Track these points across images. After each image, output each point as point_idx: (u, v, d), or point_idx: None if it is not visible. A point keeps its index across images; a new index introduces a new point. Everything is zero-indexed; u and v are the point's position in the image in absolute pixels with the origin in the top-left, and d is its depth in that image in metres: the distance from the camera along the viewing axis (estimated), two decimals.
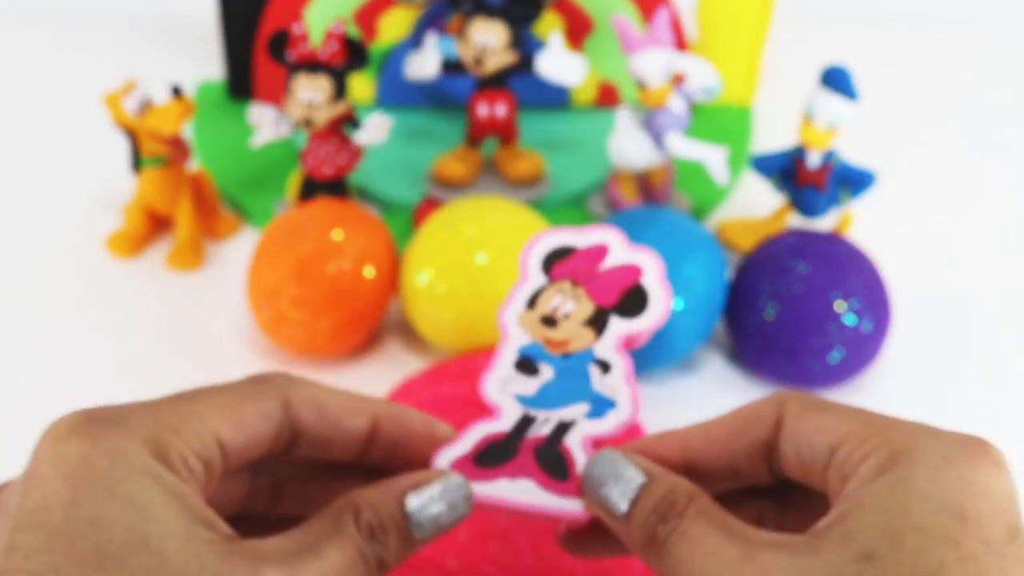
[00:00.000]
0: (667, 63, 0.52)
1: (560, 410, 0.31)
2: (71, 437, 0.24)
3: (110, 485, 0.23)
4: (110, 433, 0.24)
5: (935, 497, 0.23)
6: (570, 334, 0.32)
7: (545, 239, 0.34)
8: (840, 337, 0.45)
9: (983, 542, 0.23)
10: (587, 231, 0.34)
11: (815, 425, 0.26)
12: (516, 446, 0.30)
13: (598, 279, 0.33)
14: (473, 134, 0.58)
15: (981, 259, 0.58)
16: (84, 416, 0.25)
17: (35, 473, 0.24)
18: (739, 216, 0.59)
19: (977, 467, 0.24)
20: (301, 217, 0.48)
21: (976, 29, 0.81)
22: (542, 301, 0.33)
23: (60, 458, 0.24)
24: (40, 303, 0.53)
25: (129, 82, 0.52)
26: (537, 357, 0.32)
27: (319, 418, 0.27)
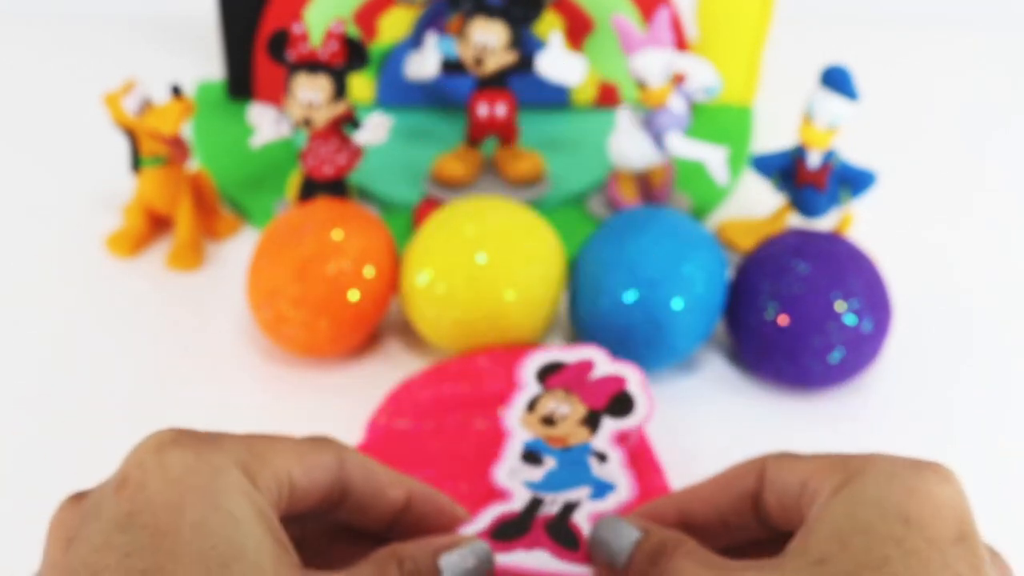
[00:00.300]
0: (667, 63, 0.52)
1: (565, 492, 0.34)
2: (174, 448, 0.25)
3: (214, 496, 0.24)
4: (211, 449, 0.25)
5: (881, 504, 0.25)
6: (568, 432, 0.37)
7: (537, 356, 0.40)
8: (840, 337, 0.45)
9: (926, 540, 0.24)
10: (574, 349, 0.41)
11: (789, 469, 0.28)
12: (529, 523, 0.33)
13: (588, 387, 0.39)
14: (473, 134, 0.58)
15: (982, 259, 0.57)
16: (184, 432, 0.26)
17: (134, 478, 0.25)
18: (739, 216, 0.59)
19: (923, 479, 0.26)
20: (301, 217, 0.48)
21: (977, 29, 0.81)
22: (540, 405, 0.38)
23: (165, 466, 0.25)
24: (39, 303, 0.53)
25: (129, 82, 0.52)
26: (540, 450, 0.36)
27: (366, 482, 0.29)
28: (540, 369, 0.40)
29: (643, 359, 0.47)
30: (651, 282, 0.45)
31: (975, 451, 0.46)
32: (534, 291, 0.46)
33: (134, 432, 0.45)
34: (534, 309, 0.47)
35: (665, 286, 0.45)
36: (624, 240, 0.46)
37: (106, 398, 0.48)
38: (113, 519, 0.24)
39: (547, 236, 0.48)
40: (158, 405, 0.47)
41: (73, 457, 0.44)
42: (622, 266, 0.46)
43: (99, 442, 0.45)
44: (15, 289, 0.54)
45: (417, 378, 0.46)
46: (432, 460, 0.41)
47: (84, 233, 0.57)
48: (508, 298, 0.46)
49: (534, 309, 0.47)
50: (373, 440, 0.43)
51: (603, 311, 0.46)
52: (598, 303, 0.46)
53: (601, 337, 0.47)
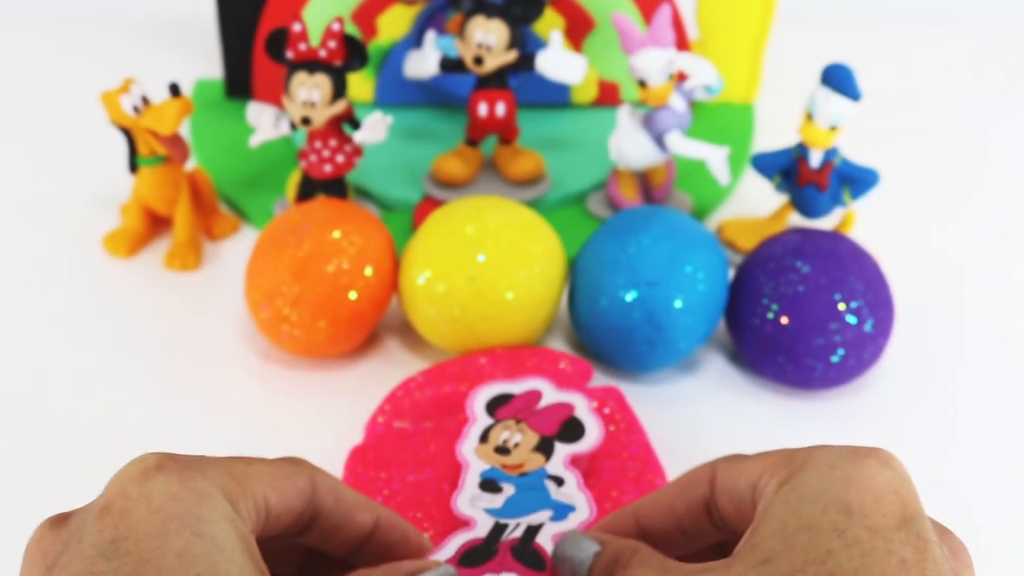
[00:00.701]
0: (668, 61, 0.52)
1: (527, 517, 0.36)
2: (158, 474, 0.25)
3: (197, 523, 0.25)
4: (194, 476, 0.26)
5: (822, 497, 0.25)
6: (522, 459, 0.38)
7: (485, 390, 0.41)
8: (842, 337, 0.45)
9: (868, 529, 0.25)
10: (520, 381, 0.42)
11: (739, 471, 0.29)
12: (494, 548, 0.34)
13: (537, 415, 0.40)
14: (473, 133, 0.58)
15: (984, 258, 0.57)
16: (168, 457, 0.26)
17: (117, 505, 0.25)
18: (740, 215, 0.58)
19: (863, 466, 0.26)
20: (300, 217, 0.48)
21: (979, 27, 0.81)
22: (492, 436, 0.39)
23: (148, 493, 0.25)
24: (37, 303, 0.53)
25: (126, 80, 0.52)
26: (498, 478, 0.37)
27: (336, 506, 0.30)
28: (489, 402, 0.41)
29: (643, 359, 0.46)
30: (651, 282, 0.45)
31: (976, 451, 0.46)
32: (534, 291, 0.46)
33: (132, 432, 0.45)
34: (534, 309, 0.47)
35: (666, 286, 0.45)
36: (624, 240, 0.46)
37: (104, 398, 0.47)
38: (96, 546, 0.24)
39: (547, 236, 0.48)
40: (156, 406, 0.47)
41: (72, 457, 0.44)
42: (622, 266, 0.46)
43: (97, 442, 0.45)
44: (13, 289, 0.54)
45: (416, 378, 0.46)
46: (431, 460, 0.41)
47: (82, 233, 0.57)
48: (508, 298, 0.46)
49: (534, 309, 0.47)
50: (372, 440, 0.43)
51: (603, 311, 0.46)
52: (598, 303, 0.46)
53: (601, 337, 0.47)
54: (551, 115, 0.65)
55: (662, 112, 0.53)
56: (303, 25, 0.51)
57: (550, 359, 0.46)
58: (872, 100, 0.55)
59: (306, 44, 0.51)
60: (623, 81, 0.65)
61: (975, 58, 0.78)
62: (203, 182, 0.56)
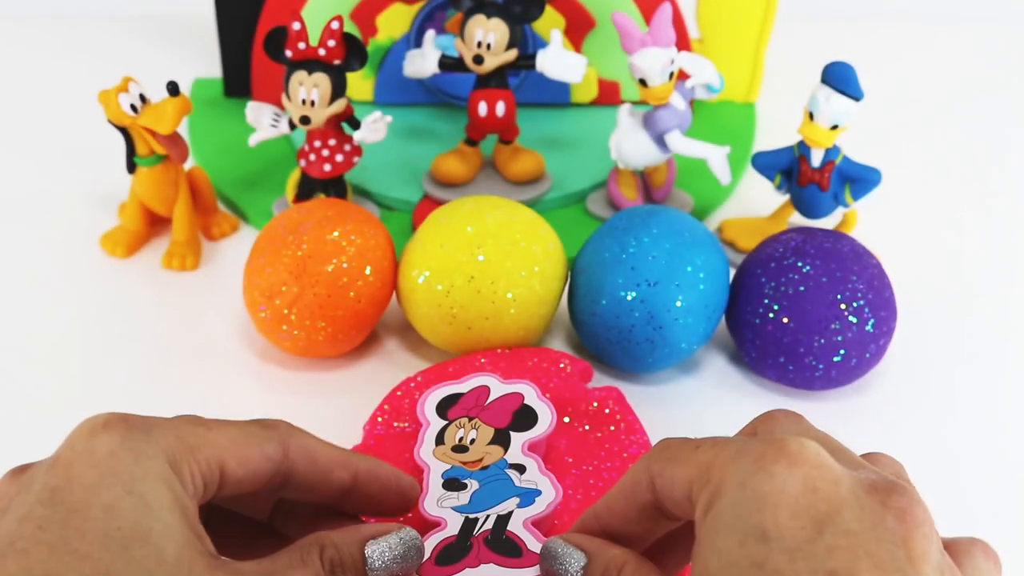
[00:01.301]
0: (668, 60, 0.52)
1: (495, 508, 0.36)
2: (104, 432, 0.27)
3: (130, 480, 0.26)
4: (138, 436, 0.27)
5: (737, 526, 0.24)
6: (481, 453, 0.38)
7: (434, 393, 0.42)
8: (843, 337, 0.45)
9: (786, 552, 0.24)
10: (466, 380, 0.42)
11: (671, 481, 0.28)
12: (468, 543, 0.35)
13: (488, 410, 0.40)
14: (473, 133, 0.57)
15: (986, 258, 0.57)
16: (118, 417, 0.28)
17: (64, 457, 0.26)
18: (741, 215, 0.58)
19: (772, 476, 0.25)
20: (299, 216, 0.48)
21: (981, 25, 0.81)
22: (448, 436, 0.40)
23: (91, 448, 0.26)
24: (36, 302, 0.53)
25: (124, 79, 0.51)
26: (460, 475, 0.38)
27: (310, 467, 0.31)
28: (438, 404, 0.41)
29: (644, 359, 0.46)
30: (652, 282, 0.45)
31: (977, 452, 0.45)
32: (534, 291, 0.46)
33: None
34: (534, 309, 0.46)
35: (666, 286, 0.45)
36: (625, 240, 0.46)
37: (101, 399, 0.47)
38: (38, 493, 0.26)
39: (547, 236, 0.48)
40: (155, 406, 0.46)
41: None
42: (623, 266, 0.45)
43: None
44: (11, 289, 0.53)
45: (416, 378, 0.45)
46: None
47: (81, 232, 0.57)
48: (508, 298, 0.46)
49: (534, 309, 0.46)
50: (371, 441, 0.43)
51: (603, 311, 0.46)
52: (598, 303, 0.46)
53: (601, 337, 0.46)
54: (551, 115, 0.65)
55: (662, 111, 0.53)
56: (302, 24, 0.51)
57: (550, 359, 0.46)
58: (874, 99, 0.55)
59: (305, 43, 0.51)
60: (623, 80, 0.65)
61: (977, 56, 0.78)
62: (202, 181, 0.56)
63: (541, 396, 0.41)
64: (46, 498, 0.26)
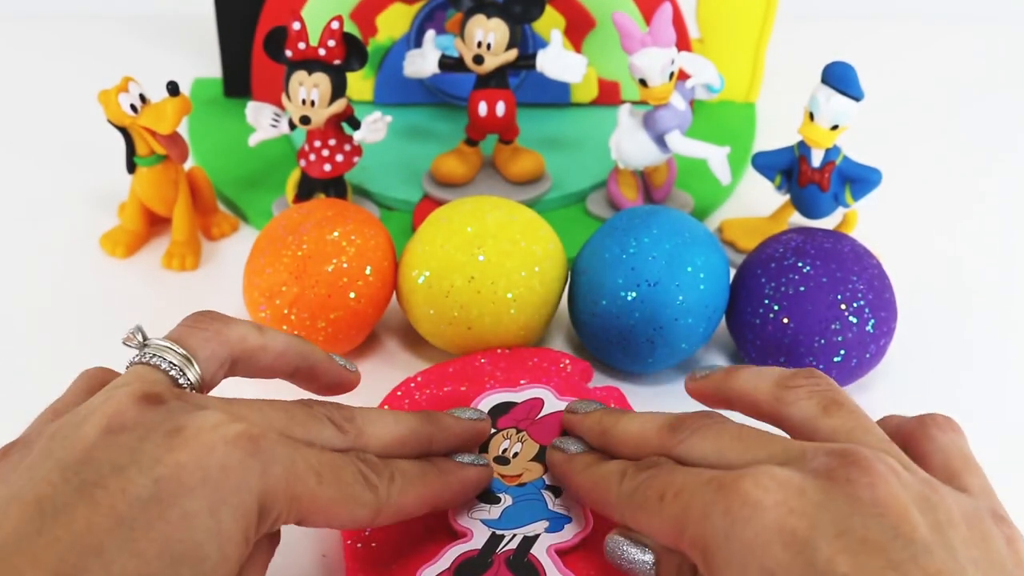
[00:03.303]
0: (668, 61, 0.52)
1: (523, 528, 0.36)
2: (228, 446, 0.27)
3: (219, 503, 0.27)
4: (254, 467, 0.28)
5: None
6: (521, 469, 0.38)
7: (489, 397, 0.41)
8: (843, 338, 0.45)
9: None
10: (522, 389, 0.41)
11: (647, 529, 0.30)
12: (489, 560, 0.34)
13: (538, 424, 0.40)
14: (472, 133, 0.57)
15: (987, 258, 0.57)
16: (247, 437, 0.28)
17: (183, 444, 0.27)
18: (741, 215, 0.58)
19: (748, 522, 0.26)
20: (299, 216, 0.48)
21: (982, 25, 0.81)
22: (492, 445, 0.39)
23: (208, 453, 0.27)
24: (35, 302, 0.52)
25: (124, 79, 0.51)
26: (496, 488, 0.37)
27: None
28: (490, 410, 0.41)
29: (644, 359, 0.46)
30: (652, 282, 0.45)
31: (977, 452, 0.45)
32: (534, 291, 0.46)
33: None
34: (534, 309, 0.46)
35: (666, 286, 0.45)
36: (625, 240, 0.46)
37: None
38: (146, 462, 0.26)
39: (547, 236, 0.48)
40: None
41: None
42: (623, 266, 0.45)
43: None
44: (10, 289, 0.53)
45: (416, 379, 0.45)
46: None
47: (80, 232, 0.57)
48: (508, 298, 0.45)
49: (534, 309, 0.46)
50: None
51: (604, 311, 0.46)
52: (599, 303, 0.46)
53: (602, 337, 0.46)
54: (551, 115, 0.65)
55: (663, 111, 0.53)
56: (302, 24, 0.51)
57: (551, 359, 0.46)
58: (875, 98, 0.55)
59: (305, 43, 0.51)
60: (623, 80, 0.65)
61: (978, 56, 0.78)
62: (201, 181, 0.56)
63: None
64: (146, 469, 0.26)
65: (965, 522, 0.26)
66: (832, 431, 0.30)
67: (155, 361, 0.31)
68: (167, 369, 0.31)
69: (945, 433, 0.31)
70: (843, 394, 0.31)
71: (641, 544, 0.31)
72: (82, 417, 0.28)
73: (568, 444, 0.36)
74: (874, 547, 0.24)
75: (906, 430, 0.31)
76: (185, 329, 0.33)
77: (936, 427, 0.31)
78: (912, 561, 0.24)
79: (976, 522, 0.27)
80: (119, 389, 0.29)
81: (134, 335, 0.32)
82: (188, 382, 0.31)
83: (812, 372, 0.32)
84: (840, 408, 0.30)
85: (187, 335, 0.32)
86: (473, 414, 0.38)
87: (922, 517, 0.26)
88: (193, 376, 0.31)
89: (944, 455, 0.30)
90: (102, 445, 0.27)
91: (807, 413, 0.31)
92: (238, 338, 0.33)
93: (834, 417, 0.30)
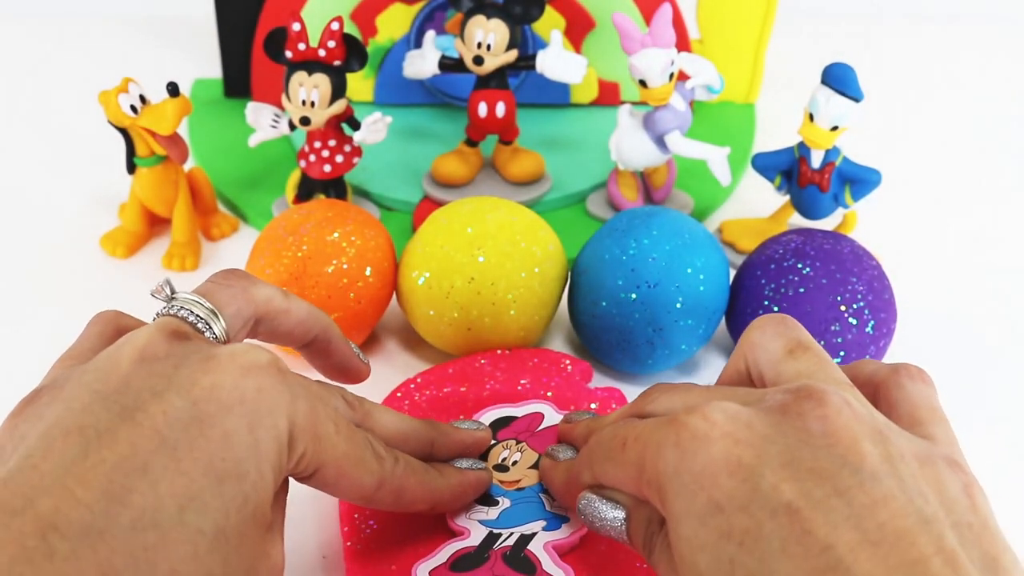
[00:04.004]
0: (668, 61, 0.52)
1: (520, 527, 0.36)
2: (260, 371, 0.28)
3: (257, 422, 0.28)
4: (283, 391, 0.29)
5: (693, 511, 0.26)
6: (520, 475, 0.39)
7: (490, 412, 0.42)
8: (843, 339, 0.45)
9: (742, 510, 0.25)
10: (523, 404, 0.42)
11: (614, 480, 0.31)
12: (486, 555, 0.35)
13: (538, 436, 0.40)
14: (473, 133, 0.57)
15: (987, 259, 0.57)
16: (276, 366, 0.29)
17: (217, 366, 0.28)
18: (740, 216, 0.58)
19: (695, 454, 0.26)
20: (299, 217, 0.48)
21: (982, 26, 0.81)
22: (492, 455, 0.39)
23: (243, 375, 0.28)
24: (35, 303, 0.52)
25: (124, 80, 0.51)
26: (494, 492, 0.38)
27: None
28: (490, 424, 0.41)
29: (644, 360, 0.46)
30: (652, 283, 0.45)
31: (977, 453, 0.45)
32: (534, 292, 0.46)
33: None
34: (534, 310, 0.46)
35: (666, 287, 0.45)
36: (625, 241, 0.46)
37: None
38: (183, 384, 0.27)
39: (547, 236, 0.48)
40: None
41: None
42: (623, 267, 0.45)
43: None
44: (10, 289, 0.53)
45: (416, 380, 0.45)
46: None
47: (80, 233, 0.57)
48: (508, 299, 0.45)
49: (534, 310, 0.46)
50: None
51: (604, 312, 0.46)
52: (599, 304, 0.46)
53: (602, 338, 0.46)
54: (551, 115, 0.65)
55: (662, 112, 0.53)
56: (302, 24, 0.51)
57: (551, 360, 0.46)
58: (875, 99, 0.55)
59: (305, 44, 0.51)
60: (623, 81, 0.65)
61: (978, 57, 0.78)
62: (202, 182, 0.56)
63: None
64: (184, 392, 0.27)
65: (917, 461, 0.26)
66: (796, 373, 0.30)
67: (182, 313, 0.31)
68: (194, 321, 0.31)
69: (915, 383, 0.31)
70: (809, 337, 0.31)
71: (612, 500, 0.31)
72: (114, 351, 0.29)
73: (559, 452, 0.37)
74: (821, 475, 0.25)
75: (878, 377, 0.31)
76: (212, 285, 0.33)
77: (908, 376, 0.31)
78: (859, 487, 0.24)
79: (930, 464, 0.26)
80: (147, 327, 0.30)
81: (163, 287, 0.32)
82: (213, 335, 0.31)
83: (784, 318, 0.32)
84: (806, 351, 0.30)
85: (214, 291, 0.33)
86: (473, 425, 0.38)
87: (873, 448, 0.25)
88: (218, 329, 0.32)
89: (911, 404, 0.30)
90: (138, 373, 0.27)
91: (773, 355, 0.31)
92: (264, 298, 0.34)
93: (799, 360, 0.30)
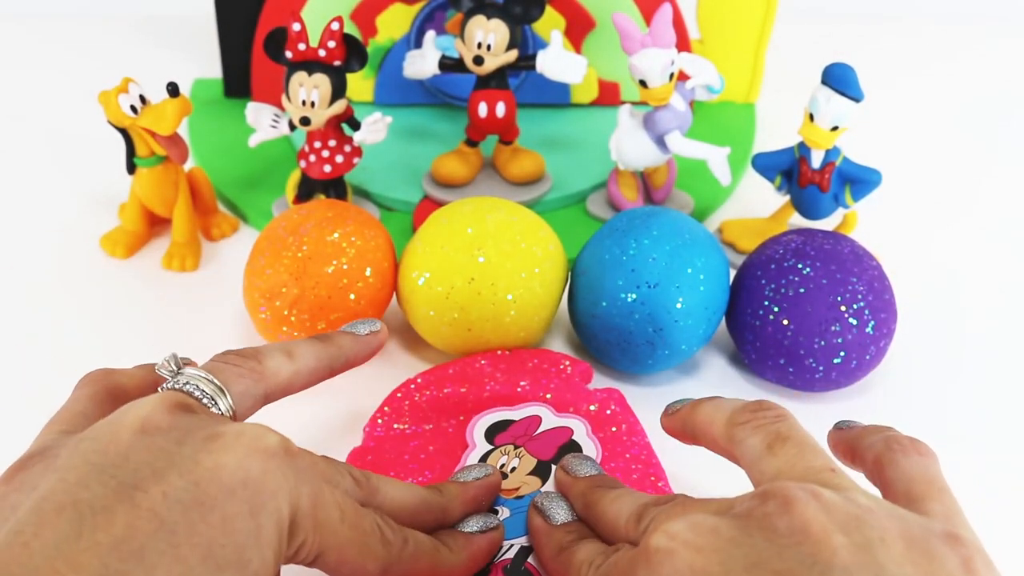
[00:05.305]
0: (668, 61, 0.52)
1: (520, 539, 0.35)
2: (266, 456, 0.28)
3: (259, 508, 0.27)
4: (289, 476, 0.28)
5: None
6: (519, 483, 0.38)
7: (485, 417, 0.42)
8: (843, 339, 0.45)
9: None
10: (520, 408, 0.42)
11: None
12: (487, 569, 0.34)
13: (535, 441, 0.40)
14: (473, 133, 0.57)
15: (986, 260, 0.57)
16: (285, 448, 0.28)
17: (222, 446, 0.27)
18: (741, 216, 0.58)
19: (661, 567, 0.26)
20: (299, 217, 0.48)
21: (983, 26, 0.81)
22: (490, 461, 0.39)
23: (249, 457, 0.27)
24: (36, 303, 0.52)
25: (124, 80, 0.51)
26: (495, 501, 0.37)
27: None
28: (488, 428, 0.41)
29: (644, 361, 0.46)
30: (652, 283, 0.45)
31: (977, 453, 0.45)
32: (534, 292, 0.46)
33: None
34: (534, 310, 0.46)
35: (666, 287, 0.45)
36: (625, 241, 0.46)
37: None
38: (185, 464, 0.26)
39: (547, 236, 0.48)
40: None
41: None
42: (623, 267, 0.45)
43: None
44: (11, 289, 0.53)
45: (416, 380, 0.45)
46: (430, 462, 0.41)
47: (81, 233, 0.57)
48: (508, 299, 0.45)
49: (534, 310, 0.46)
50: (371, 442, 0.43)
51: (604, 312, 0.46)
52: (599, 304, 0.46)
53: (602, 338, 0.46)
54: (551, 115, 0.65)
55: (663, 112, 0.53)
56: (302, 25, 0.51)
57: (551, 360, 0.46)
58: (875, 99, 0.55)
59: (305, 44, 0.51)
60: (623, 81, 0.65)
61: (979, 57, 0.78)
62: (202, 182, 0.56)
63: (591, 433, 0.40)
64: (186, 472, 0.26)
65: (903, 541, 0.25)
66: (776, 472, 0.29)
67: (188, 388, 0.31)
68: (199, 396, 0.30)
69: (909, 457, 0.30)
70: (791, 425, 0.30)
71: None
72: (114, 419, 0.27)
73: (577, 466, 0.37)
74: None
75: (873, 452, 0.30)
76: (218, 364, 0.32)
77: (901, 452, 0.30)
78: None
79: (919, 542, 0.25)
80: (151, 398, 0.28)
81: (168, 362, 0.32)
82: (219, 411, 0.31)
83: (762, 404, 0.31)
84: (785, 443, 0.29)
85: (221, 369, 0.32)
86: (480, 472, 0.37)
87: (846, 538, 0.25)
88: (224, 406, 0.31)
89: (906, 480, 0.29)
90: (139, 446, 0.26)
91: (754, 453, 0.30)
92: (272, 373, 0.33)
93: (778, 455, 0.29)
